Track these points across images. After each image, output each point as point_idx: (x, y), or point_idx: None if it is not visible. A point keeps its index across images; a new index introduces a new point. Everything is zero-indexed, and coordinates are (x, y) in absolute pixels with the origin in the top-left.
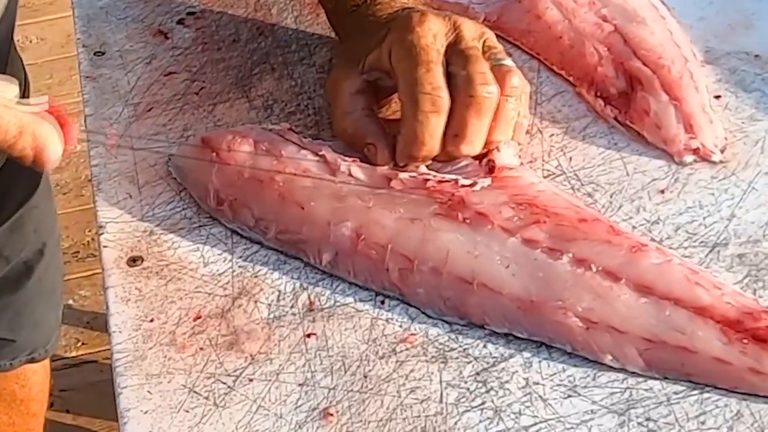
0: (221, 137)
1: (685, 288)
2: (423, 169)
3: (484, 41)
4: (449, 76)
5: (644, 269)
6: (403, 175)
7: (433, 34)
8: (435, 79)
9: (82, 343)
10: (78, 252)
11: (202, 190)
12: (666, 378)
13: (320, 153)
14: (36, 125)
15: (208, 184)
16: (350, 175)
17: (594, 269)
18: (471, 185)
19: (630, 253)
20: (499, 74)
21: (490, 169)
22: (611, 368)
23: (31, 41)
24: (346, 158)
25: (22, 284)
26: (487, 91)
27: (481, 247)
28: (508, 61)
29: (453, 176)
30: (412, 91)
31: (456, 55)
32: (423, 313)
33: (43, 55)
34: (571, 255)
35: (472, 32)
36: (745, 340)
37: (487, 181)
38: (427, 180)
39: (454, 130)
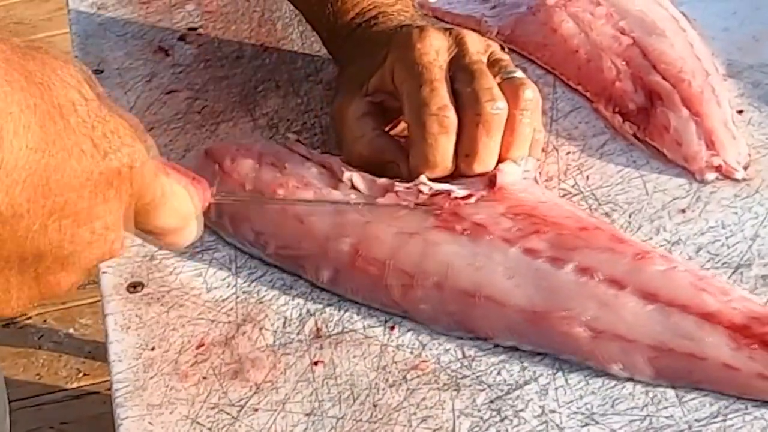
0: (225, 149)
1: (692, 294)
2: (423, 177)
3: (490, 54)
4: (455, 93)
5: (649, 276)
6: (399, 187)
7: (435, 50)
8: (440, 98)
9: (84, 374)
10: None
11: None
12: (674, 387)
13: (325, 163)
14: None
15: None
16: (352, 186)
17: (598, 278)
18: (466, 197)
19: (634, 260)
20: (511, 88)
21: (491, 184)
22: (630, 395)
23: None
24: (351, 169)
25: None
26: (495, 108)
27: (483, 259)
28: (519, 73)
29: (447, 187)
30: (419, 113)
31: (460, 71)
32: (435, 339)
33: None
34: (574, 264)
35: (476, 45)
36: (754, 346)
37: (483, 192)
38: (421, 192)
39: (465, 150)
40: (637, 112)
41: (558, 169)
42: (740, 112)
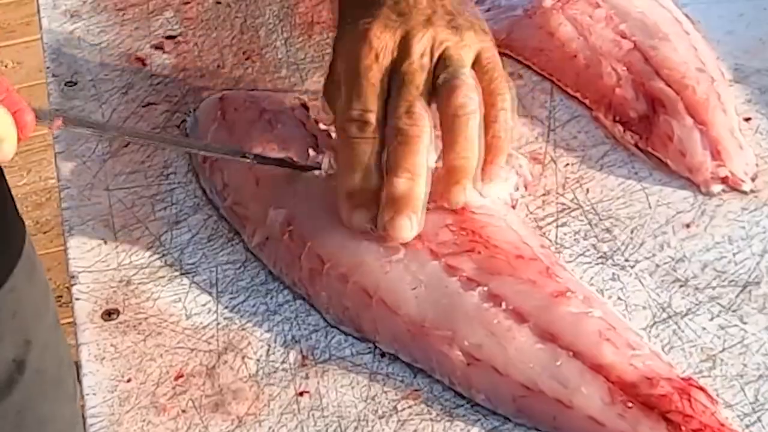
0: (235, 98)
1: (592, 342)
2: None
3: (443, 51)
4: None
5: (557, 316)
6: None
7: (375, 53)
8: (363, 102)
9: None
10: (61, 296)
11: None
12: (536, 429)
13: (316, 133)
14: None
15: (203, 139)
16: (330, 165)
17: (503, 307)
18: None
19: (549, 297)
20: (446, 90)
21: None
22: None
23: (6, 66)
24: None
25: (16, 381)
26: (406, 123)
27: (397, 265)
28: (463, 73)
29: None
30: (342, 117)
31: (395, 75)
32: (426, 373)
33: (19, 80)
34: (485, 289)
35: (422, 45)
36: (630, 404)
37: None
38: None
39: (388, 162)
40: (638, 120)
41: (556, 182)
42: (747, 119)
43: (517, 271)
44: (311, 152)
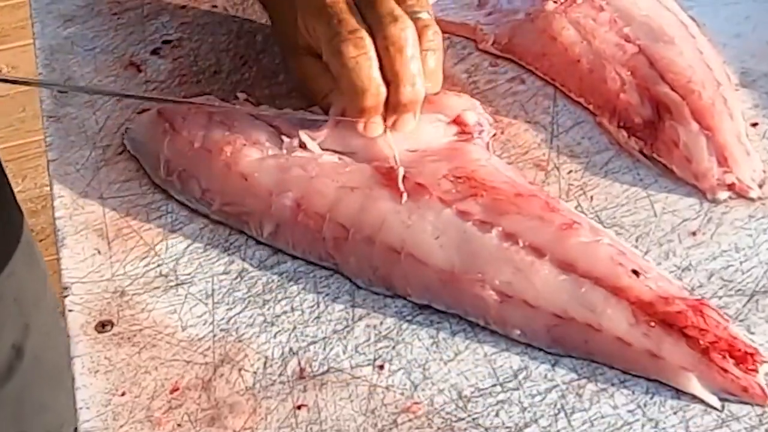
0: (175, 107)
1: (607, 267)
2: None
3: None
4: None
5: (570, 246)
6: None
7: None
8: (349, 23)
9: None
10: (57, 306)
11: (153, 162)
12: (570, 356)
13: (274, 124)
14: None
15: (160, 154)
16: (301, 145)
17: (521, 244)
18: None
19: (559, 230)
20: (416, 27)
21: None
22: None
23: (1, 70)
24: (297, 129)
25: (15, 368)
26: (399, 27)
27: (416, 217)
28: (425, 15)
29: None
30: (333, 45)
31: (363, 2)
32: (427, 379)
33: (14, 85)
34: (500, 229)
35: None
36: (652, 324)
37: None
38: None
39: (387, 78)
40: (643, 126)
41: (559, 189)
42: (754, 124)
43: (522, 209)
44: (302, 133)
